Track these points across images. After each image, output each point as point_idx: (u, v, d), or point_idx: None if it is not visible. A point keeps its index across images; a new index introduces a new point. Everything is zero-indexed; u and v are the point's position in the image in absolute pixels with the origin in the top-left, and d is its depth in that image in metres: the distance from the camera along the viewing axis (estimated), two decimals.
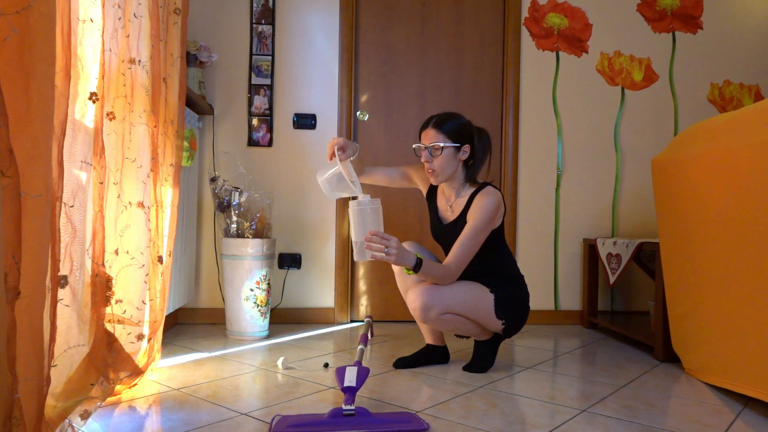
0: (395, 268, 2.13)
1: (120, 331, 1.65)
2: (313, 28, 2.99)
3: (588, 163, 3.13)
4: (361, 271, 3.06)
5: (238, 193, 2.63)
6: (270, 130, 2.96)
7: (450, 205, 2.08)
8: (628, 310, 3.15)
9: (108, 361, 1.54)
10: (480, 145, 2.03)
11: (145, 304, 1.74)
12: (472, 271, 2.00)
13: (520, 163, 3.09)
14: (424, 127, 2.02)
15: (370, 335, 2.43)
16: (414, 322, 2.89)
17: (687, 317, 2.03)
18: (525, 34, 3.10)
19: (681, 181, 2.01)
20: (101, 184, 1.45)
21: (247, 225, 2.61)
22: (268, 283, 2.60)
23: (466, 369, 2.05)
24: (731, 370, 1.78)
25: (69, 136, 1.28)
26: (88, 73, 1.37)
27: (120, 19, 1.59)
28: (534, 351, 2.41)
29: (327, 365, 2.07)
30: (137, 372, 1.70)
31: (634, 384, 1.92)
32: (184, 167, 2.53)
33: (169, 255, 1.96)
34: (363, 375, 1.55)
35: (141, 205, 1.72)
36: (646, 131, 3.15)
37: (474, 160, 2.03)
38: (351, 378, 1.52)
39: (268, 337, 2.60)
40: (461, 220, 2.00)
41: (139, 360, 1.74)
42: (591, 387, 1.88)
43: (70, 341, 1.34)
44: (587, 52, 3.13)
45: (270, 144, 2.96)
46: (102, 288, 1.50)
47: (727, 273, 1.77)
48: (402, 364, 2.08)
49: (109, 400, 1.60)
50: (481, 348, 2.08)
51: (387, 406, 1.62)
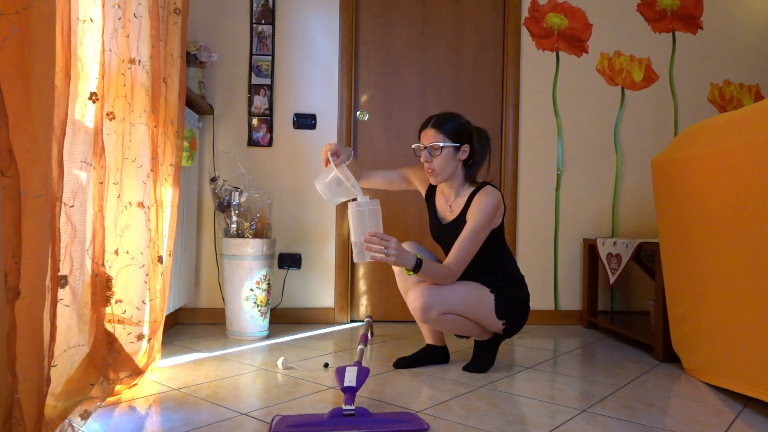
0: (395, 269, 2.13)
1: (120, 331, 1.65)
2: (313, 28, 2.99)
3: (588, 163, 3.13)
4: (361, 271, 3.06)
5: (238, 193, 2.63)
6: (270, 130, 2.96)
7: (449, 205, 2.08)
8: (628, 310, 3.15)
9: (108, 361, 1.54)
10: (479, 145, 2.03)
11: (145, 304, 1.74)
12: (472, 271, 2.00)
13: (520, 163, 3.09)
14: (424, 127, 2.03)
15: (370, 335, 2.43)
16: (414, 322, 2.89)
17: (687, 317, 2.03)
18: (525, 34, 3.10)
19: (681, 181, 2.01)
20: (101, 184, 1.45)
21: (247, 225, 2.61)
22: (268, 283, 2.60)
23: (466, 369, 2.05)
24: (731, 370, 1.78)
25: (69, 136, 1.28)
26: (88, 73, 1.37)
27: (120, 19, 1.59)
28: (534, 351, 2.41)
29: (327, 365, 2.07)
30: (137, 372, 1.70)
31: (634, 384, 1.92)
32: (184, 167, 2.53)
33: (169, 255, 1.96)
34: (363, 375, 1.55)
35: (141, 205, 1.72)
36: (646, 131, 3.15)
37: (473, 159, 2.03)
38: (351, 378, 1.52)
39: (268, 337, 2.60)
40: (461, 219, 2.00)
41: (139, 360, 1.74)
42: (591, 387, 1.88)
43: (70, 341, 1.34)
44: (587, 52, 3.13)
45: (270, 144, 2.96)
46: (102, 288, 1.50)
47: (727, 273, 1.77)
48: (402, 364, 2.08)
49: (109, 400, 1.60)
50: (481, 348, 2.08)
51: (387, 406, 1.62)
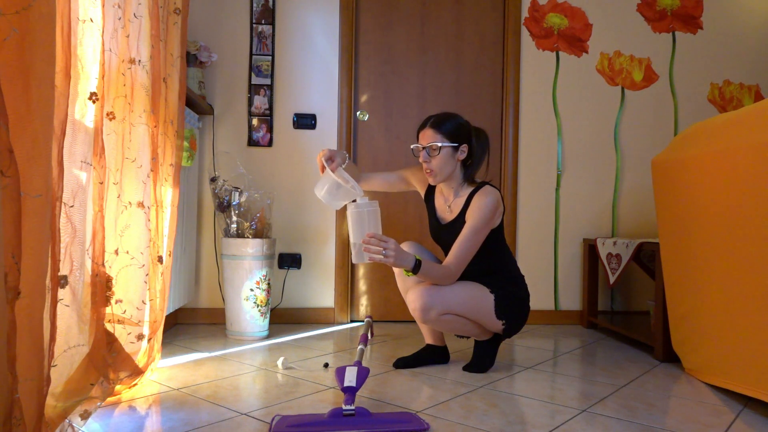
0: (395, 269, 2.13)
1: (120, 331, 1.65)
2: (313, 28, 2.99)
3: (588, 163, 3.13)
4: (361, 271, 3.06)
5: (238, 193, 2.63)
6: (270, 130, 2.96)
7: (448, 206, 2.08)
8: (628, 310, 3.15)
9: (108, 361, 1.54)
10: (478, 145, 2.03)
11: (145, 304, 1.74)
12: (472, 271, 2.00)
13: (520, 163, 3.09)
14: (422, 127, 2.02)
15: (370, 335, 2.43)
16: (414, 322, 2.89)
17: (687, 317, 2.03)
18: (525, 34, 3.10)
19: (681, 181, 2.01)
20: (101, 184, 1.45)
21: (247, 225, 2.61)
22: (268, 283, 2.60)
23: (466, 369, 2.05)
24: (731, 370, 1.78)
25: (69, 136, 1.28)
26: (88, 73, 1.37)
27: (120, 19, 1.59)
28: (534, 351, 2.41)
29: (327, 365, 2.07)
30: (137, 372, 1.70)
31: (634, 384, 1.92)
32: (184, 167, 2.53)
33: (169, 255, 1.96)
34: (363, 375, 1.55)
35: (141, 205, 1.72)
36: (646, 131, 3.15)
37: (472, 159, 2.03)
38: (351, 378, 1.52)
39: (268, 337, 2.60)
40: (460, 219, 2.00)
41: (139, 360, 1.74)
42: (591, 387, 1.87)
43: (70, 341, 1.34)
44: (587, 52, 3.13)
45: (270, 144, 2.96)
46: (102, 288, 1.50)
47: (727, 273, 1.77)
48: (402, 364, 2.08)
49: (109, 400, 1.60)
50: (481, 348, 2.08)
51: (387, 406, 1.62)
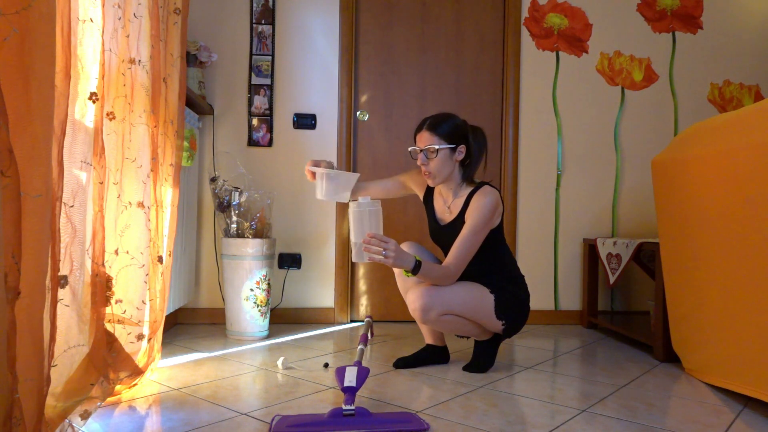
0: (395, 269, 2.13)
1: (120, 331, 1.65)
2: (313, 28, 2.99)
3: (588, 163, 3.13)
4: (361, 271, 3.06)
5: (238, 193, 2.63)
6: (270, 130, 2.96)
7: (448, 206, 2.07)
8: (628, 310, 3.15)
9: (108, 361, 1.54)
10: (475, 144, 2.01)
11: (145, 304, 1.74)
12: (472, 272, 2.00)
13: (520, 163, 3.09)
14: (419, 129, 2.01)
15: (370, 335, 2.43)
16: (414, 322, 2.89)
17: (687, 317, 2.03)
18: (525, 34, 3.10)
19: (681, 181, 2.01)
20: (101, 184, 1.45)
21: (247, 225, 2.61)
22: (268, 283, 2.60)
23: (466, 369, 2.05)
24: (731, 370, 1.78)
25: (69, 136, 1.28)
26: (88, 73, 1.37)
27: (120, 19, 1.59)
28: (534, 351, 2.41)
29: (327, 365, 2.07)
30: (137, 372, 1.70)
31: (634, 384, 1.92)
32: (184, 167, 2.53)
33: (169, 255, 1.96)
34: (363, 375, 1.55)
35: (141, 205, 1.72)
36: (646, 131, 3.15)
37: (470, 159, 2.02)
38: (351, 378, 1.52)
39: (268, 337, 2.60)
40: (459, 220, 1.99)
41: (139, 360, 1.74)
42: (591, 387, 1.87)
43: (70, 341, 1.34)
44: (587, 52, 3.13)
45: (270, 144, 2.96)
46: (102, 288, 1.50)
47: (727, 273, 1.77)
48: (402, 364, 2.08)
49: (109, 400, 1.60)
50: (481, 348, 2.08)
51: (387, 406, 1.62)
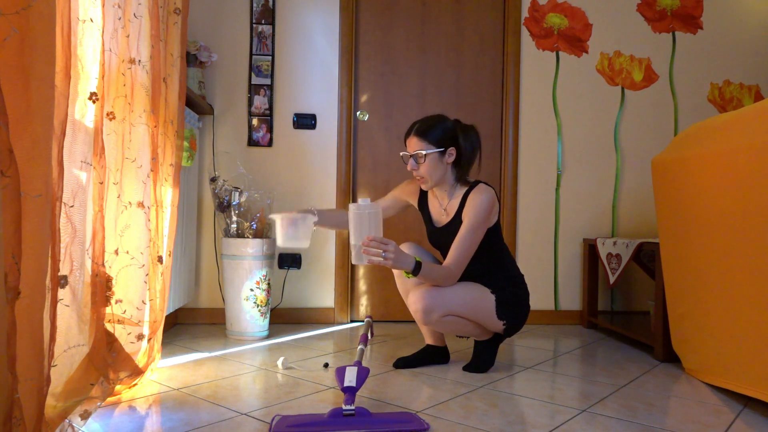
0: (395, 270, 2.12)
1: (120, 331, 1.65)
2: (313, 28, 2.99)
3: (588, 163, 3.13)
4: (361, 271, 3.06)
5: (238, 193, 2.63)
6: (270, 130, 2.96)
7: (444, 209, 2.06)
8: (628, 310, 3.15)
9: (108, 361, 1.54)
10: (466, 145, 1.99)
11: (145, 304, 1.74)
12: (472, 272, 2.00)
13: (520, 163, 3.09)
14: (407, 134, 2.00)
15: (370, 335, 2.43)
16: (414, 322, 2.89)
17: (687, 317, 2.03)
18: (525, 34, 3.10)
19: (681, 181, 2.01)
20: (101, 184, 1.45)
21: (247, 225, 2.61)
22: (268, 283, 2.60)
23: (466, 369, 2.05)
24: (731, 370, 1.78)
25: (69, 136, 1.28)
26: (88, 73, 1.37)
27: (120, 19, 1.59)
28: (534, 351, 2.41)
29: (327, 365, 2.07)
30: (137, 372, 1.70)
31: (634, 384, 1.92)
32: (184, 167, 2.53)
33: (169, 255, 1.96)
34: (363, 375, 1.55)
35: (141, 205, 1.72)
36: (646, 131, 3.15)
37: (462, 160, 2.00)
38: (351, 378, 1.52)
39: (268, 337, 2.60)
40: (456, 220, 1.99)
41: (139, 360, 1.74)
42: (591, 387, 1.87)
43: (70, 341, 1.34)
44: (587, 52, 3.13)
45: (270, 144, 2.96)
46: (102, 288, 1.50)
47: (727, 273, 1.77)
48: (402, 364, 2.08)
49: (109, 400, 1.60)
50: (481, 348, 2.08)
51: (387, 406, 1.62)
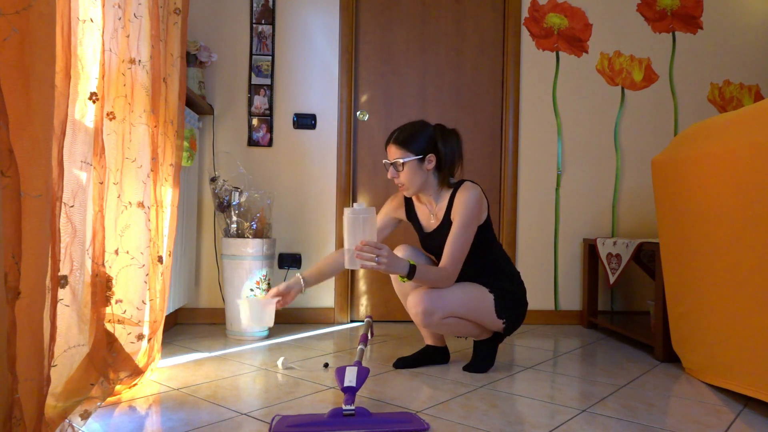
0: (392, 275, 2.12)
1: (120, 331, 1.65)
2: (313, 28, 2.99)
3: (588, 163, 3.13)
4: (361, 271, 3.05)
5: (238, 193, 2.63)
6: (270, 130, 2.96)
7: (433, 213, 2.06)
8: (628, 310, 3.15)
9: (108, 361, 1.54)
10: (446, 149, 1.98)
11: (145, 304, 1.74)
12: (468, 272, 1.99)
13: (520, 163, 3.09)
14: (386, 143, 2.00)
15: (370, 335, 2.42)
16: (414, 322, 2.89)
17: (687, 317, 2.03)
18: (525, 34, 3.10)
19: (681, 181, 2.01)
20: (101, 184, 1.45)
21: (247, 225, 2.61)
22: (268, 283, 2.60)
23: (466, 369, 2.05)
24: (731, 370, 1.78)
25: (69, 136, 1.28)
26: (88, 73, 1.37)
27: (120, 19, 1.59)
28: (534, 351, 2.41)
29: (327, 365, 2.07)
30: (137, 372, 1.70)
31: (634, 384, 1.92)
32: (184, 167, 2.53)
33: (169, 255, 1.96)
34: (363, 375, 1.55)
35: (141, 205, 1.72)
36: (646, 131, 3.15)
37: (443, 164, 1.99)
38: (351, 378, 1.52)
39: (268, 337, 2.60)
40: (446, 222, 1.98)
41: (139, 360, 1.74)
42: (591, 387, 1.87)
43: (70, 341, 1.34)
44: (587, 52, 3.13)
45: (270, 144, 2.96)
46: (102, 288, 1.50)
47: (727, 273, 1.77)
48: (402, 364, 2.08)
49: (109, 400, 1.60)
50: (480, 348, 2.08)
51: (387, 406, 1.62)
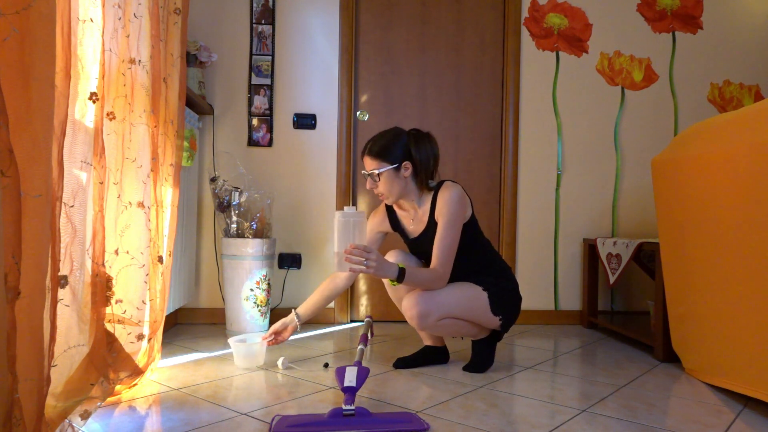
0: (384, 279, 2.11)
1: (120, 331, 1.65)
2: (313, 28, 2.99)
3: (588, 163, 3.13)
4: None
5: (238, 193, 2.63)
6: (270, 130, 2.96)
7: (417, 217, 2.05)
8: (628, 310, 3.15)
9: (108, 361, 1.54)
10: (421, 156, 1.96)
11: (145, 304, 1.74)
12: (460, 271, 1.99)
13: (520, 163, 3.09)
14: (362, 154, 2.01)
15: (370, 335, 2.43)
16: None
17: (687, 317, 2.03)
18: (525, 34, 3.10)
19: (681, 181, 2.01)
20: (101, 184, 1.45)
21: (247, 225, 2.61)
22: (268, 283, 2.60)
23: (466, 369, 2.05)
24: (731, 370, 1.78)
25: (69, 136, 1.28)
26: (88, 73, 1.37)
27: (120, 19, 1.59)
28: (534, 351, 2.41)
29: (327, 365, 2.07)
30: (137, 372, 1.70)
31: (634, 384, 1.92)
32: (184, 167, 2.53)
33: (169, 255, 1.96)
34: (363, 375, 1.55)
35: (141, 205, 1.72)
36: (646, 131, 3.15)
37: (419, 170, 1.97)
38: (351, 378, 1.52)
39: None
40: (432, 224, 1.98)
41: (139, 360, 1.74)
42: (591, 387, 1.87)
43: (70, 341, 1.34)
44: (587, 52, 3.13)
45: (270, 144, 2.96)
46: (102, 288, 1.50)
47: (726, 273, 1.77)
48: (402, 364, 2.08)
49: (109, 400, 1.60)
50: (479, 347, 2.08)
51: (387, 406, 1.62)
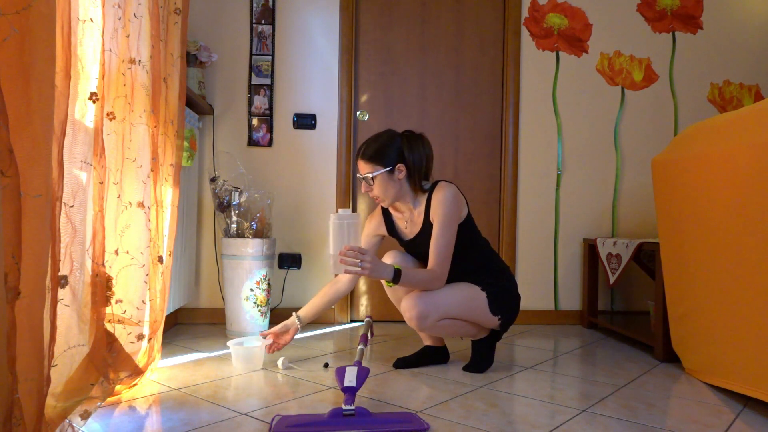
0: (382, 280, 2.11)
1: (120, 331, 1.65)
2: (313, 28, 2.99)
3: (588, 163, 3.13)
4: None
5: (238, 193, 2.63)
6: (270, 130, 2.96)
7: (413, 219, 2.05)
8: (628, 310, 3.15)
9: (108, 361, 1.54)
10: (414, 158, 1.96)
11: (145, 304, 1.74)
12: (458, 271, 1.99)
13: (520, 163, 3.09)
14: (356, 157, 2.01)
15: (370, 335, 2.43)
16: None
17: (687, 317, 2.03)
18: (525, 34, 3.10)
19: (681, 181, 2.01)
20: (101, 184, 1.45)
21: (247, 225, 2.61)
22: (268, 283, 2.60)
23: (466, 369, 2.05)
24: (731, 370, 1.78)
25: (69, 136, 1.28)
26: (88, 73, 1.37)
27: (120, 19, 1.59)
28: (534, 351, 2.41)
29: (327, 365, 2.07)
30: (137, 372, 1.71)
31: (634, 384, 1.92)
32: (184, 167, 2.53)
33: (169, 255, 1.96)
34: (363, 375, 1.55)
35: (141, 205, 1.72)
36: (646, 131, 3.15)
37: (413, 172, 1.97)
38: (351, 378, 1.52)
39: None
40: (427, 224, 1.98)
41: (139, 360, 1.74)
42: (591, 387, 1.87)
43: (70, 341, 1.34)
44: (587, 52, 3.13)
45: (270, 144, 2.96)
46: (102, 288, 1.50)
47: (727, 273, 1.77)
48: (402, 364, 2.08)
49: (109, 400, 1.60)
50: (479, 347, 2.08)
51: (387, 406, 1.62)
